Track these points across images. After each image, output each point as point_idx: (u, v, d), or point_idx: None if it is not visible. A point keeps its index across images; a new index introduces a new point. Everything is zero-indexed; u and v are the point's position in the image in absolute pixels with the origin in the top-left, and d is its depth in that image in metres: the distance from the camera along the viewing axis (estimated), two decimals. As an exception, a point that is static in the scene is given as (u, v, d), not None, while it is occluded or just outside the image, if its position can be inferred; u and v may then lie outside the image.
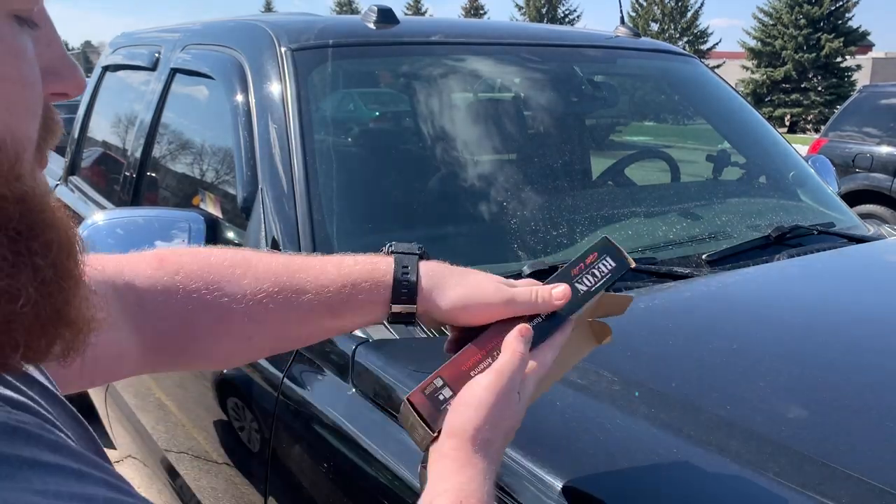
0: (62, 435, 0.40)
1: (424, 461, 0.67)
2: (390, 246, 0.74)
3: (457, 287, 0.70)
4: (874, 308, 1.29)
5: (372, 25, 1.69)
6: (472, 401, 0.63)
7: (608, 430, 0.87)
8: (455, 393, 0.67)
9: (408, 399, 0.66)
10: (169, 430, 1.66)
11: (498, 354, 0.68)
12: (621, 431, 0.87)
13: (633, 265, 0.75)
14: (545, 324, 0.71)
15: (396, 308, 0.70)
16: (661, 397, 0.92)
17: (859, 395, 0.97)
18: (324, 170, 1.41)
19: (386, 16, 1.71)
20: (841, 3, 26.61)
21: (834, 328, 1.21)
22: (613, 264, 0.75)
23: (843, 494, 0.74)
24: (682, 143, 2.27)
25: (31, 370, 0.46)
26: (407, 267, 0.71)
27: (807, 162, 2.08)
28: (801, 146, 11.72)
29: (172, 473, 1.64)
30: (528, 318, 0.70)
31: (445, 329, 0.75)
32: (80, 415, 0.46)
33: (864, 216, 2.06)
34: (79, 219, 1.52)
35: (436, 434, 0.65)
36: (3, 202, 0.36)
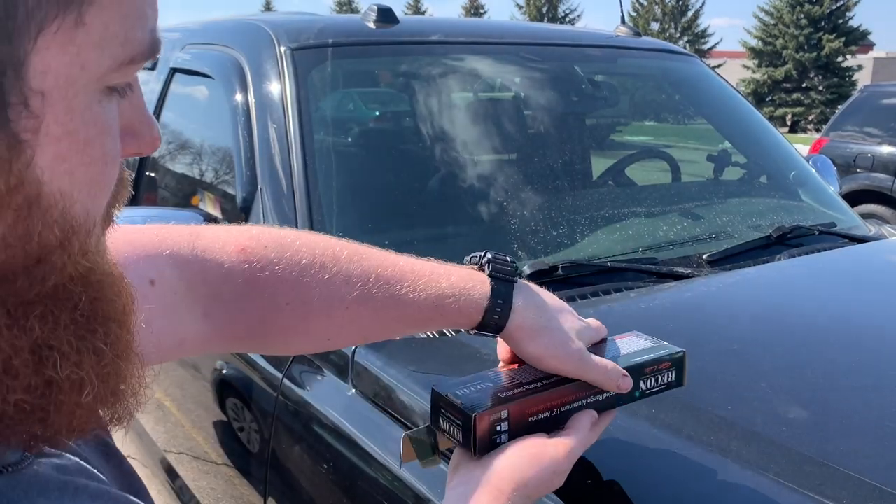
0: (100, 475, 0.40)
1: (423, 453, 0.69)
2: (489, 260, 0.72)
3: (541, 339, 0.70)
4: (875, 308, 1.29)
5: (372, 25, 1.69)
6: (544, 460, 0.64)
7: (608, 431, 0.87)
8: (511, 430, 0.67)
9: (474, 417, 0.65)
10: (168, 431, 1.65)
11: (559, 412, 0.69)
12: (621, 432, 0.86)
13: (685, 386, 0.79)
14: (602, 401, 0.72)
15: (479, 332, 0.71)
16: (662, 398, 0.92)
17: (860, 395, 0.96)
18: (323, 170, 1.41)
19: (386, 15, 1.70)
20: (842, 2, 26.59)
21: (835, 328, 1.20)
22: (673, 380, 0.78)
23: (843, 495, 0.74)
24: (683, 143, 2.26)
25: None
26: (502, 301, 0.69)
27: (808, 162, 2.07)
28: (802, 146, 11.72)
29: (171, 474, 1.64)
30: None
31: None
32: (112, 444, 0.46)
33: (865, 216, 2.05)
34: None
35: (476, 456, 0.65)
36: (70, 283, 0.35)
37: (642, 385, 0.75)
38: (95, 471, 0.41)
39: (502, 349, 0.75)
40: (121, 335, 0.38)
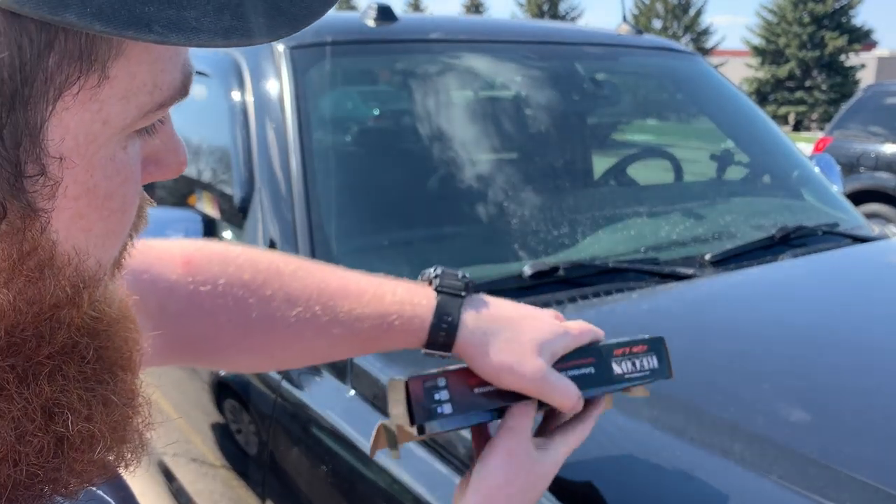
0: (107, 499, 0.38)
1: (393, 443, 0.68)
2: (437, 275, 0.69)
3: (499, 354, 0.66)
4: (879, 308, 1.28)
5: (371, 23, 1.68)
6: (488, 460, 0.64)
7: (610, 433, 0.86)
8: (453, 400, 0.65)
9: (406, 382, 0.65)
10: (165, 433, 1.65)
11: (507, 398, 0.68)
12: (624, 434, 0.86)
13: (672, 378, 0.75)
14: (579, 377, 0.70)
15: (428, 351, 0.68)
16: (664, 399, 0.91)
17: (864, 396, 0.95)
18: (322, 169, 1.40)
19: (385, 13, 1.70)
20: (845, 0, 26.55)
21: (839, 329, 1.20)
22: (656, 366, 0.75)
23: (846, 498, 0.73)
24: (685, 142, 2.25)
25: None
26: (449, 317, 0.66)
27: (811, 161, 2.06)
28: (805, 145, 11.71)
29: (169, 476, 1.63)
30: (562, 359, 0.69)
31: None
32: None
33: (868, 216, 2.04)
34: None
35: (414, 427, 0.64)
36: (77, 335, 0.32)
37: (616, 368, 0.72)
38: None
39: None
40: (127, 381, 0.36)
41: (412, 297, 0.68)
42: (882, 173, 6.17)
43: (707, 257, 1.45)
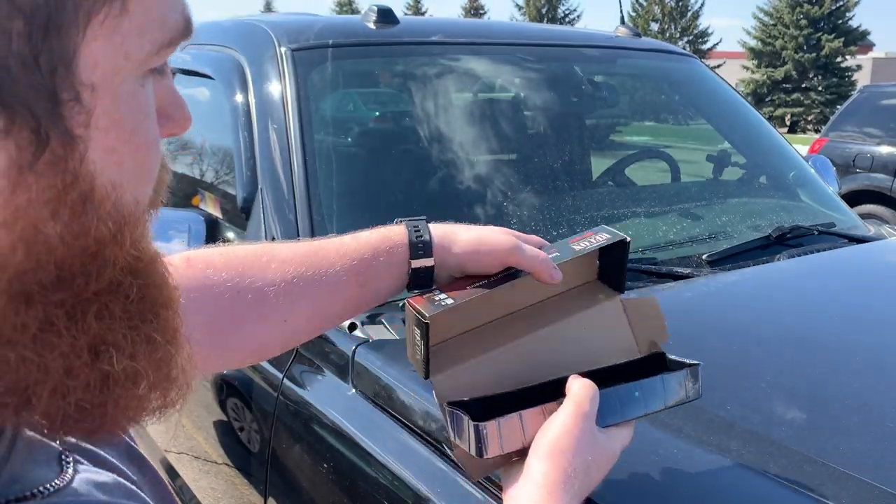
0: (139, 492, 0.40)
1: (425, 354, 0.69)
2: (398, 221, 0.78)
3: (467, 233, 0.76)
4: (875, 308, 1.29)
5: (372, 25, 1.69)
6: (555, 427, 0.63)
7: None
8: (454, 301, 0.69)
9: (408, 300, 0.69)
10: (168, 430, 1.66)
11: (497, 281, 0.71)
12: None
13: (629, 240, 0.79)
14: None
15: (416, 264, 0.73)
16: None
17: (860, 395, 0.96)
18: (324, 170, 1.41)
19: (386, 16, 1.71)
20: (841, 2, 26.58)
21: (835, 328, 1.21)
22: (608, 237, 0.79)
23: (843, 495, 0.74)
24: (683, 144, 2.26)
25: None
26: (418, 227, 0.75)
27: (807, 162, 2.08)
28: (801, 146, 11.72)
29: (172, 474, 1.64)
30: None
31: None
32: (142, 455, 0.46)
33: (864, 216, 2.05)
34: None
35: (427, 318, 0.66)
36: (121, 275, 0.33)
37: (575, 247, 0.75)
38: (133, 486, 0.40)
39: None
40: (169, 319, 0.37)
41: (385, 229, 0.77)
42: (877, 174, 6.18)
43: (704, 257, 1.46)
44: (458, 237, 0.75)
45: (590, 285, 0.81)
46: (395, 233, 0.75)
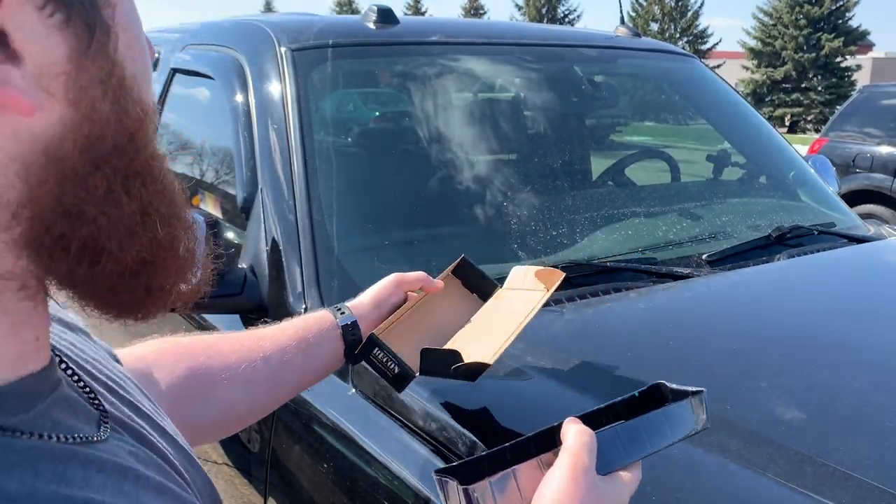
0: (171, 472, 0.45)
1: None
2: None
3: (366, 292, 0.95)
4: (874, 308, 1.29)
5: (372, 25, 1.69)
6: (553, 486, 0.58)
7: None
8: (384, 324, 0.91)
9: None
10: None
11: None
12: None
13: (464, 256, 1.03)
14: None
15: (343, 321, 0.89)
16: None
17: (859, 394, 0.96)
18: (324, 170, 1.41)
19: (386, 16, 1.71)
20: (841, 2, 26.58)
21: (834, 328, 1.21)
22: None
23: (842, 495, 0.74)
24: (683, 144, 2.27)
25: (137, 394, 0.52)
26: (337, 306, 0.92)
27: (807, 162, 2.08)
28: (801, 146, 11.71)
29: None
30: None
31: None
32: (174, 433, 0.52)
33: (864, 216, 2.06)
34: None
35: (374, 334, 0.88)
36: (152, 161, 0.39)
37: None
38: (180, 476, 0.45)
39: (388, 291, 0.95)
40: (183, 208, 0.42)
41: (313, 314, 0.91)
42: (877, 174, 6.19)
43: (704, 257, 1.46)
44: (362, 297, 0.94)
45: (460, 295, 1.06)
46: (320, 313, 0.90)
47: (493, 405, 0.95)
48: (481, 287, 1.06)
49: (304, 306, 1.23)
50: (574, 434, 0.61)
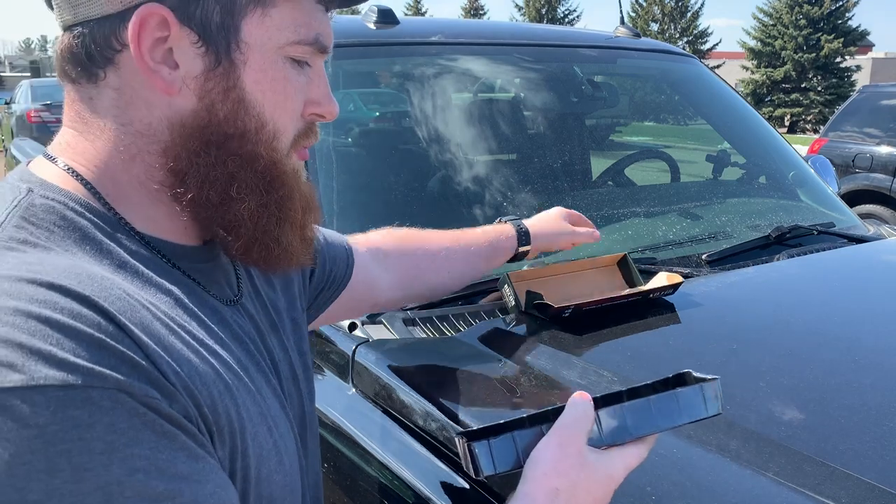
0: (261, 360, 0.66)
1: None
2: (502, 220, 1.25)
3: (538, 223, 1.26)
4: (874, 308, 1.29)
5: (372, 25, 1.69)
6: (540, 449, 0.64)
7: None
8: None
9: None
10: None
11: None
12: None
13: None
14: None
15: (521, 249, 1.21)
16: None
17: (859, 394, 0.97)
18: (324, 170, 1.41)
19: (386, 16, 1.71)
20: (841, 3, 26.58)
21: (834, 328, 1.21)
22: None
23: (842, 494, 0.74)
24: (682, 144, 2.27)
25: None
26: (521, 226, 1.23)
27: (806, 162, 2.08)
28: (800, 146, 11.72)
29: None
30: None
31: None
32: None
33: (863, 216, 2.06)
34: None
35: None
36: (259, 157, 0.62)
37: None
38: (272, 369, 0.69)
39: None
40: (287, 205, 0.64)
41: (501, 228, 1.23)
42: (877, 174, 6.19)
43: (704, 257, 1.47)
44: (534, 228, 1.24)
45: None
46: (507, 229, 1.21)
47: (493, 404, 0.95)
48: (633, 283, 1.30)
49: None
50: (569, 407, 0.66)
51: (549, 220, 1.27)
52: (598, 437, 0.66)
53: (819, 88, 26.53)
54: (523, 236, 1.21)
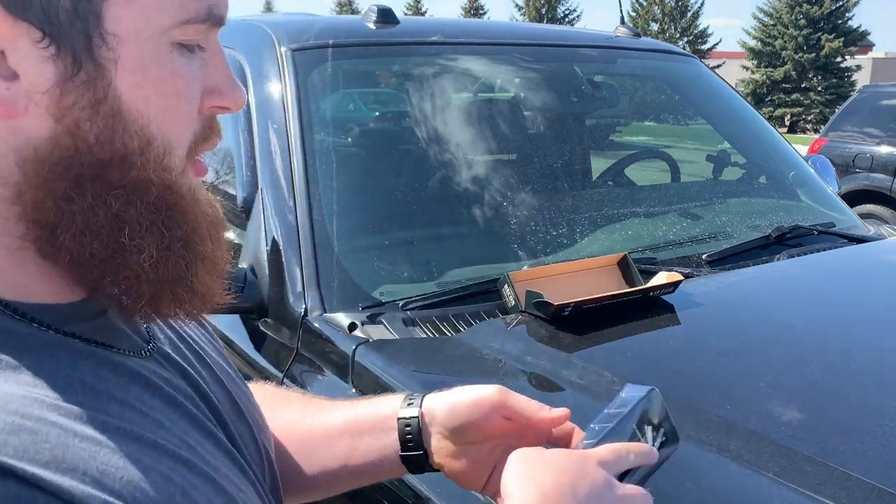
0: (205, 407, 0.53)
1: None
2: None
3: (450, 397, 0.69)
4: (874, 308, 1.29)
5: (372, 25, 1.69)
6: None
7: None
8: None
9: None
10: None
11: None
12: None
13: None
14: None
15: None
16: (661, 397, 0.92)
17: (859, 394, 0.96)
18: (324, 170, 1.41)
19: (386, 16, 1.71)
20: (841, 2, 26.57)
21: (834, 328, 1.21)
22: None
23: (842, 495, 0.74)
24: (683, 144, 2.27)
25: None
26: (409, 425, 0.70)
27: (807, 162, 2.08)
28: (801, 146, 11.71)
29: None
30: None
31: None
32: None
33: (864, 216, 2.06)
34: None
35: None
36: (149, 184, 0.46)
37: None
38: (215, 415, 0.54)
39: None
40: (193, 239, 0.49)
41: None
42: (877, 174, 6.19)
43: (704, 257, 1.46)
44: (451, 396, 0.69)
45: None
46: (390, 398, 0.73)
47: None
48: (633, 282, 1.29)
49: (303, 306, 1.23)
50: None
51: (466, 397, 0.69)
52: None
53: (819, 88, 26.52)
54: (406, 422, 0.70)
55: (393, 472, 0.71)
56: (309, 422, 0.73)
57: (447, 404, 0.67)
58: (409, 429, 0.68)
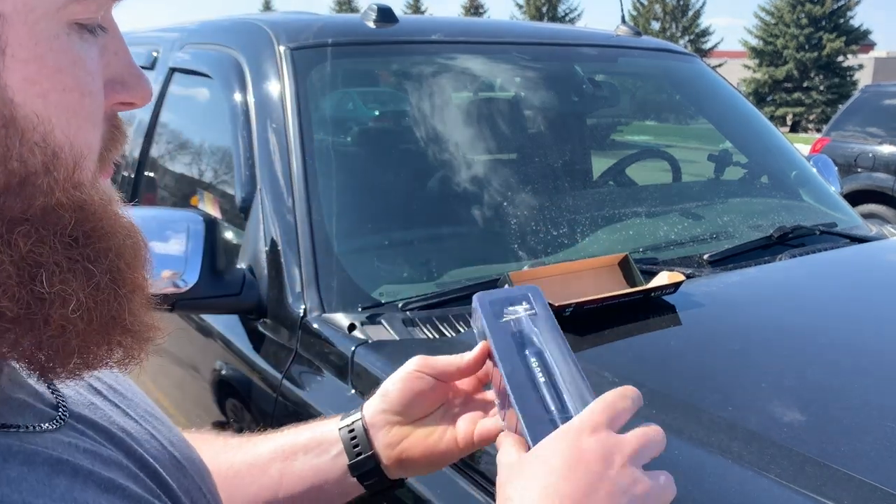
0: (139, 473, 0.41)
1: None
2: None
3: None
4: (876, 308, 1.29)
5: (371, 24, 1.68)
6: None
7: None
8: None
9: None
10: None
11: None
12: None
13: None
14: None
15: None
16: (663, 398, 0.92)
17: (861, 395, 0.96)
18: (323, 170, 1.41)
19: (385, 15, 1.70)
20: (842, 1, 26.55)
21: (836, 329, 1.20)
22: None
23: (844, 496, 0.73)
24: (684, 143, 2.26)
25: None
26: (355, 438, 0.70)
27: (809, 161, 2.07)
28: (802, 146, 11.71)
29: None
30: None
31: None
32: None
33: (866, 216, 2.05)
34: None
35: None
36: (60, 209, 0.36)
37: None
38: (154, 480, 0.42)
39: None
40: (118, 265, 0.39)
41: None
42: (879, 174, 6.18)
43: (705, 257, 1.46)
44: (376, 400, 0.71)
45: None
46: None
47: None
48: (634, 283, 1.28)
49: (302, 307, 1.22)
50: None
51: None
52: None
53: (821, 88, 26.52)
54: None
55: (345, 492, 0.68)
56: (230, 457, 0.68)
57: (380, 394, 0.69)
58: (353, 433, 0.68)
